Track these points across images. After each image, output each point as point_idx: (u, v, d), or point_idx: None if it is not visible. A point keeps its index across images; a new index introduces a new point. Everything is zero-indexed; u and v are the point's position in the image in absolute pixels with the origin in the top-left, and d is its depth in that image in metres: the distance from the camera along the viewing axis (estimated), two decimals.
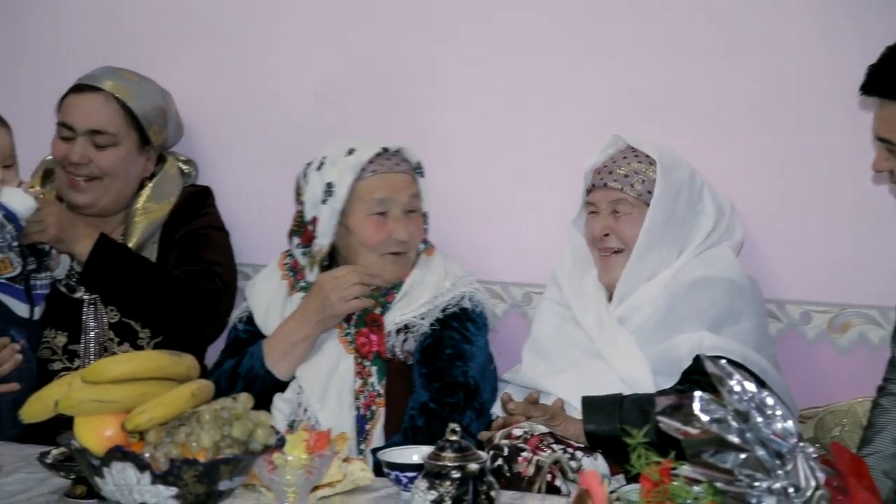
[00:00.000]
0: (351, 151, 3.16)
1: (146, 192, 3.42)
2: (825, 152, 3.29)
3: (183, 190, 3.49)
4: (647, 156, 3.11)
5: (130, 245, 3.35)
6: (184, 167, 3.56)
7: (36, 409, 2.25)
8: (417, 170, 3.21)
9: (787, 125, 3.32)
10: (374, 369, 3.13)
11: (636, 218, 3.09)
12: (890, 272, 3.26)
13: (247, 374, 3.13)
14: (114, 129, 3.34)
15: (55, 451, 2.58)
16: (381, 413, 3.10)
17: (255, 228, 3.63)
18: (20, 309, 3.11)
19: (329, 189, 3.14)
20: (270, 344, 3.14)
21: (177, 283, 3.29)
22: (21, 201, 3.09)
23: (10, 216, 3.06)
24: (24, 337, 3.10)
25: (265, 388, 3.10)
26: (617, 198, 3.10)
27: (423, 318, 3.15)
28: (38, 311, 3.16)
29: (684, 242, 3.12)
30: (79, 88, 3.37)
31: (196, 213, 3.46)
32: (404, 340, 3.15)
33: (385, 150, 3.16)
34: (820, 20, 3.27)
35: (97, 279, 3.26)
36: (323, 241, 3.18)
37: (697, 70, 3.37)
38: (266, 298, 3.23)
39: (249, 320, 3.26)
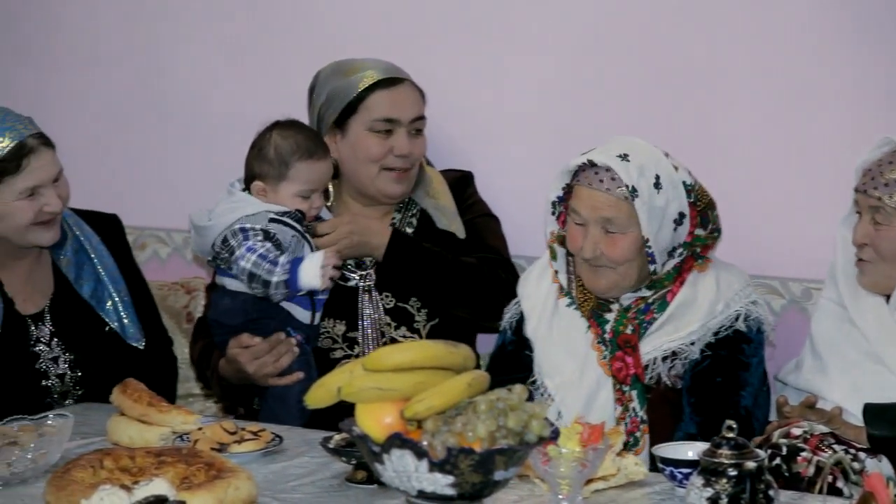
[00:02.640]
0: (585, 155, 3.05)
1: (422, 161, 3.49)
2: None
3: (443, 173, 3.53)
4: None
5: (439, 202, 3.43)
6: None
7: (320, 395, 2.32)
8: (633, 192, 2.98)
9: None
10: (634, 394, 3.02)
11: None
12: None
13: None
14: (424, 112, 3.43)
15: (337, 437, 2.66)
16: (645, 440, 2.99)
17: (525, 218, 3.64)
18: (303, 315, 3.21)
19: (553, 200, 3.12)
20: None
21: (475, 272, 3.34)
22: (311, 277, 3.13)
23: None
24: (300, 333, 3.21)
25: None
26: (875, 205, 2.94)
27: (692, 344, 3.02)
28: (318, 317, 3.26)
29: None
30: (386, 83, 3.38)
31: (464, 198, 3.50)
32: (671, 367, 3.03)
33: (591, 163, 3.00)
34: None
35: (395, 277, 3.35)
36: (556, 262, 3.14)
37: None
38: (538, 304, 3.16)
39: (519, 328, 3.20)
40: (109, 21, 4.18)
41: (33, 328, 3.25)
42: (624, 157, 2.99)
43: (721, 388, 2.99)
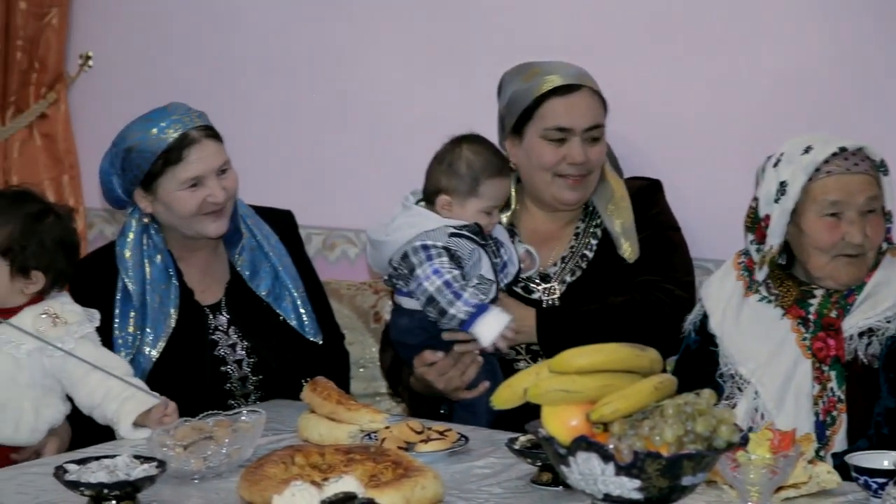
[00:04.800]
0: (807, 150, 3.04)
1: (605, 169, 3.46)
2: None
3: (630, 181, 3.50)
4: None
5: (618, 221, 3.39)
6: None
7: (506, 396, 2.33)
8: (881, 168, 3.05)
9: None
10: (832, 374, 3.00)
11: None
12: None
13: None
14: (602, 120, 3.40)
15: (523, 438, 2.66)
16: (842, 419, 2.98)
17: (711, 223, 3.59)
18: None
19: (782, 188, 3.05)
20: None
21: (630, 311, 3.30)
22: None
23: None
24: None
25: None
26: None
27: (888, 322, 3.00)
28: None
29: None
30: (561, 91, 3.36)
31: (648, 208, 3.45)
32: (868, 344, 3.01)
33: (843, 149, 3.02)
34: None
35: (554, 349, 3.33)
36: (773, 240, 3.08)
37: None
38: (722, 301, 3.16)
39: (702, 327, 3.19)
40: (299, 26, 4.26)
41: (211, 317, 3.34)
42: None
43: None
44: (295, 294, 3.38)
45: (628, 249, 3.39)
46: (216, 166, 3.25)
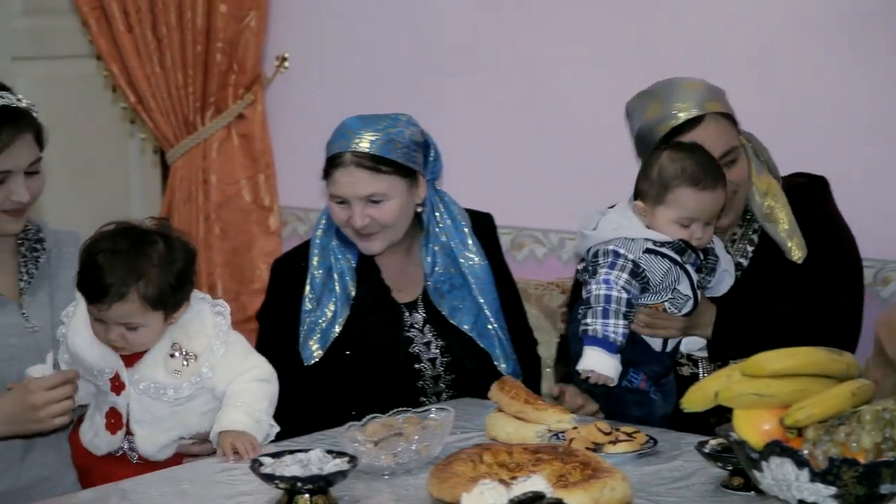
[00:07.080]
0: None
1: (752, 169, 3.35)
2: None
3: (792, 177, 3.39)
4: None
5: (780, 226, 3.29)
6: None
7: (696, 398, 2.31)
8: None
9: None
10: None
11: None
12: None
13: None
14: (732, 143, 3.25)
15: (713, 442, 2.62)
16: None
17: (885, 221, 3.50)
18: (655, 343, 3.16)
19: None
20: None
21: (795, 318, 3.23)
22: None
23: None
24: (651, 367, 3.16)
25: None
26: None
27: None
28: (670, 345, 3.18)
29: None
30: (688, 125, 3.22)
31: (812, 208, 3.33)
32: None
33: None
34: None
35: (728, 351, 3.26)
36: None
37: None
38: None
39: None
40: (492, 25, 4.29)
41: (407, 315, 3.38)
42: None
43: None
44: (501, 336, 3.36)
45: (797, 251, 3.28)
46: (361, 194, 3.24)
